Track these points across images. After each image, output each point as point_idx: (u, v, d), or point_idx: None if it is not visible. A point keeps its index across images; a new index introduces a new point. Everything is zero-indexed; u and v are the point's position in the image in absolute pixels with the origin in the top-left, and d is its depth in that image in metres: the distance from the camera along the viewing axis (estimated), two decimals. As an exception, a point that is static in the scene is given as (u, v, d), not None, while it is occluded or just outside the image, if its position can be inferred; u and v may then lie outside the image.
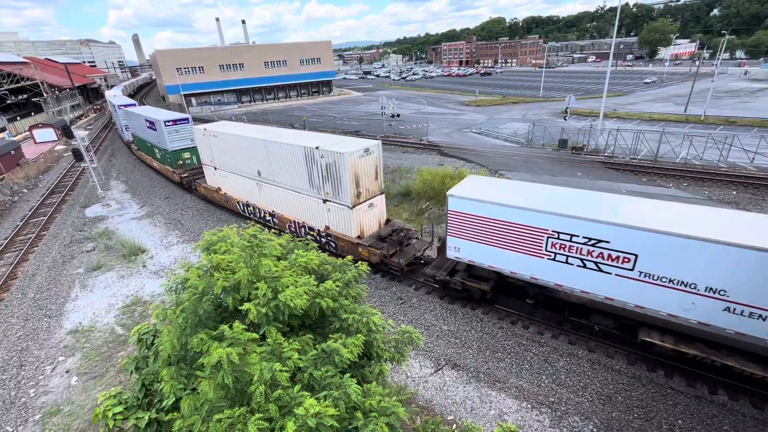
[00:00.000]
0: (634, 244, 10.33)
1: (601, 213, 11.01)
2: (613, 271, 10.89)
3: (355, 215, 16.23)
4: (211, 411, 4.76)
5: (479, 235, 13.07)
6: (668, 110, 50.81)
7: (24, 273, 18.91)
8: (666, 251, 9.96)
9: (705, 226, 9.78)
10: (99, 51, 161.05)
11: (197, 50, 80.00)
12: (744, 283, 9.20)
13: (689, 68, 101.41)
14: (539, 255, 12.01)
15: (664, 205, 11.35)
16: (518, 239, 12.27)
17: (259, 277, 6.02)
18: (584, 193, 12.74)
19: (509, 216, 12.14)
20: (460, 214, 13.17)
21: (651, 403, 10.34)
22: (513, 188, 13.90)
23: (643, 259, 10.33)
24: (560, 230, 11.34)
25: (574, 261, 11.45)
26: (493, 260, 13.21)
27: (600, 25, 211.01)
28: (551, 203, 11.75)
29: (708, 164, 28.06)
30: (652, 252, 10.14)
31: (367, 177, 16.31)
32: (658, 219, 10.33)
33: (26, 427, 10.71)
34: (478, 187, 13.62)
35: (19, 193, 31.50)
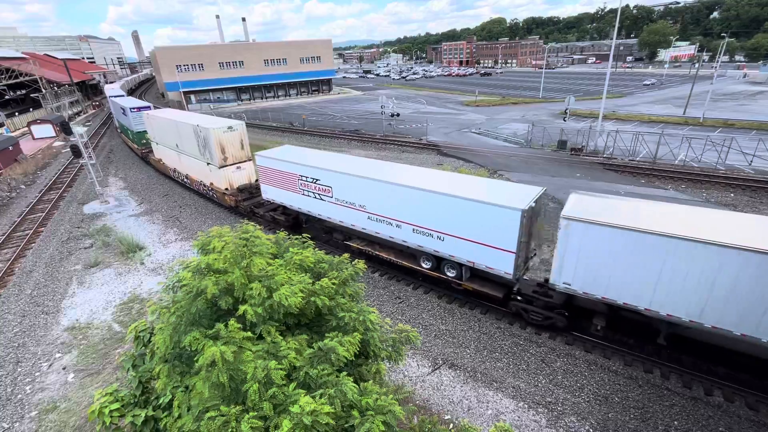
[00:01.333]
0: (330, 180, 16.77)
1: (322, 164, 17.35)
2: (326, 198, 17.34)
3: (223, 173, 22.53)
4: (205, 410, 4.75)
5: (275, 182, 19.58)
6: (667, 112, 50.93)
7: (21, 269, 18.85)
8: (347, 186, 16.24)
9: (373, 171, 15.87)
10: (98, 47, 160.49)
11: (197, 47, 79.83)
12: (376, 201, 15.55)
13: (689, 70, 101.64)
14: (304, 192, 18.26)
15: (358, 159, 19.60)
16: (289, 182, 18.70)
17: (252, 277, 5.99)
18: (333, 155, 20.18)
19: (285, 167, 18.59)
20: (266, 168, 19.71)
21: (647, 404, 10.37)
22: (297, 153, 20.32)
23: (335, 191, 16.78)
24: (301, 174, 17.88)
25: (310, 195, 17.98)
26: (279, 197, 19.88)
27: (600, 26, 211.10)
28: (305, 160, 18.23)
29: (706, 166, 28.14)
30: (339, 186, 16.53)
31: (232, 147, 22.50)
32: (347, 166, 16.93)
33: (22, 424, 10.69)
34: (276, 152, 20.13)
35: (17, 189, 31.39)
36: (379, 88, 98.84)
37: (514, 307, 13.45)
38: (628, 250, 10.48)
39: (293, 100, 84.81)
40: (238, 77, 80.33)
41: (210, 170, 23.38)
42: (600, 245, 10.85)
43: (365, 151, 37.49)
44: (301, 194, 18.49)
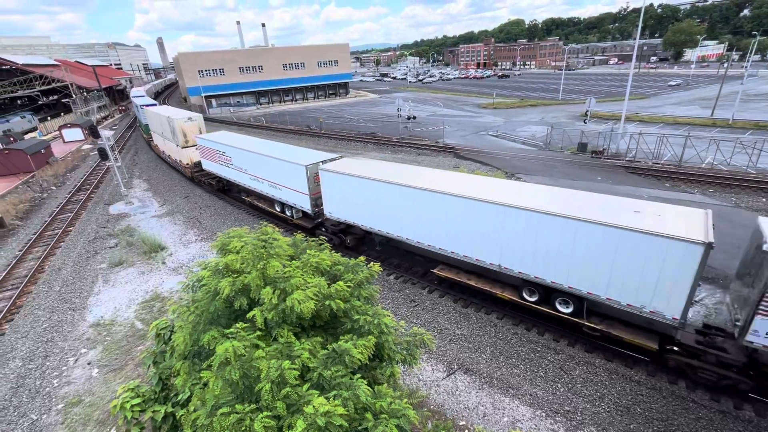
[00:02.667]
0: (233, 154, 23.77)
1: (229, 143, 24.36)
2: (230, 166, 24.64)
3: (185, 152, 30.10)
4: (218, 406, 4.82)
5: (207, 156, 27.15)
6: (694, 114, 49.23)
7: (51, 267, 19.64)
8: (244, 158, 22.83)
9: (267, 149, 21.75)
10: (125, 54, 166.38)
11: (218, 53, 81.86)
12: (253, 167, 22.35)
13: (717, 70, 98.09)
14: (221, 163, 25.50)
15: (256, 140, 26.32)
16: (217, 157, 25.75)
17: (267, 280, 6.05)
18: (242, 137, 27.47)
19: (211, 146, 25.90)
20: (202, 147, 27.42)
21: (672, 416, 9.99)
22: (222, 136, 27.50)
23: (234, 161, 23.84)
24: (218, 150, 25.17)
25: (223, 164, 25.30)
26: (210, 167, 27.46)
27: (623, 26, 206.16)
28: (222, 140, 25.42)
29: (736, 170, 27.04)
30: (237, 157, 23.40)
31: (191, 132, 29.45)
32: (248, 144, 24.06)
33: (50, 416, 11.10)
34: (208, 135, 27.67)
35: (48, 190, 32.79)
36: (396, 91, 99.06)
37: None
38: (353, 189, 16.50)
39: (311, 104, 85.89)
40: (257, 81, 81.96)
41: (178, 150, 30.95)
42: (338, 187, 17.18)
43: (381, 154, 37.58)
44: (219, 164, 25.82)
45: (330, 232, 18.61)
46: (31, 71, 65.29)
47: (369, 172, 16.23)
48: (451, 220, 13.75)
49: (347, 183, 16.62)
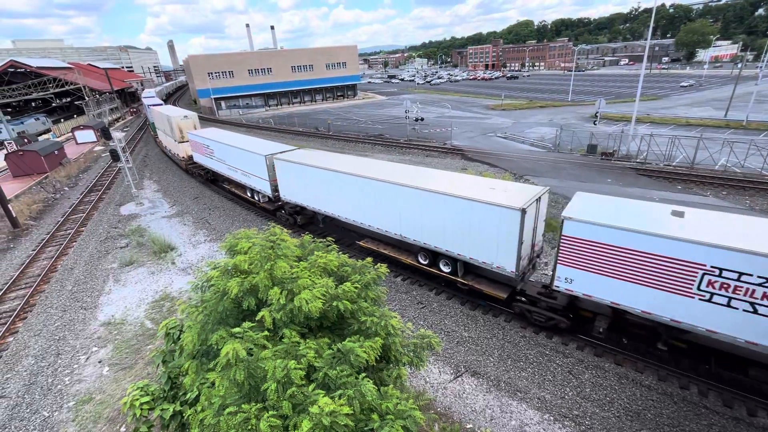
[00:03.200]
0: (215, 148, 26.99)
1: (212, 137, 27.66)
2: (212, 158, 27.96)
3: (181, 146, 33.63)
4: (225, 406, 4.85)
5: (197, 149, 30.51)
6: (707, 115, 48.44)
7: (63, 266, 19.99)
8: (219, 149, 26.49)
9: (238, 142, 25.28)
10: (136, 56, 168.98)
11: (227, 55, 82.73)
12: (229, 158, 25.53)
13: (730, 71, 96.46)
14: (206, 155, 29.05)
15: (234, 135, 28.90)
16: (203, 150, 29.15)
17: (275, 280, 6.09)
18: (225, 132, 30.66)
19: (203, 141, 28.73)
20: (193, 141, 31.03)
21: (683, 422, 9.81)
22: (209, 132, 31.04)
23: (215, 153, 27.14)
24: (204, 144, 28.48)
25: (208, 156, 28.62)
26: (199, 159, 31.13)
27: (634, 26, 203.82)
28: (208, 135, 29.07)
29: (750, 172, 26.52)
30: (218, 150, 26.65)
31: (186, 129, 32.97)
32: (226, 138, 27.11)
33: (61, 413, 11.28)
34: (198, 131, 31.42)
35: (61, 191, 33.40)
36: (404, 92, 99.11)
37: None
38: (299, 176, 19.61)
39: (319, 106, 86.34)
40: (266, 83, 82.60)
41: (176, 144, 34.46)
42: (289, 174, 20.28)
43: (389, 155, 37.61)
44: (205, 156, 29.13)
45: (287, 213, 22.06)
46: (45, 74, 66.63)
47: (312, 161, 19.25)
48: (365, 198, 16.53)
49: (295, 170, 19.81)
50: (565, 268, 11.70)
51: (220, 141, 26.31)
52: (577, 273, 11.52)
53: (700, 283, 9.48)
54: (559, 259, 11.69)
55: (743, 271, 8.88)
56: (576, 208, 11.71)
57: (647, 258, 10.08)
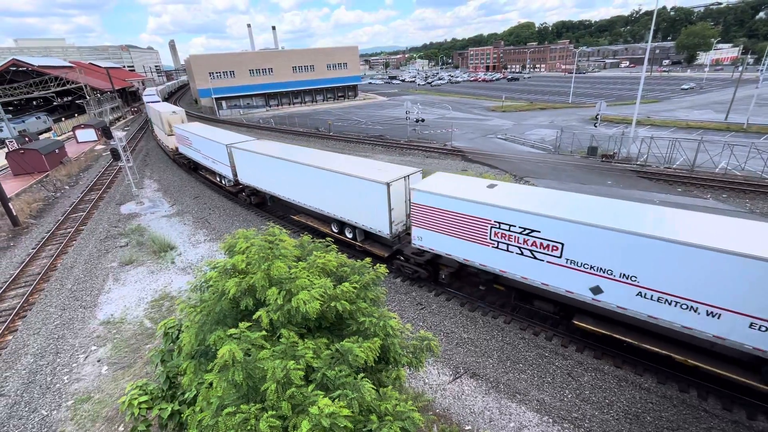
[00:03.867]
0: (193, 139, 30.89)
1: (194, 132, 30.59)
2: (191, 148, 31.77)
3: (170, 139, 36.82)
4: (222, 406, 4.85)
5: (182, 141, 33.45)
6: (707, 118, 48.46)
7: (63, 265, 19.98)
8: (197, 142, 30.35)
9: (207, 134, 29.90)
10: (138, 56, 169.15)
11: (229, 55, 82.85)
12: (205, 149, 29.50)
13: (731, 74, 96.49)
14: (187, 146, 32.44)
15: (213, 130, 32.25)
16: (185, 141, 32.36)
17: (272, 281, 6.07)
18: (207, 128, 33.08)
19: (185, 134, 32.20)
20: (177, 134, 34.29)
21: (682, 425, 9.79)
22: (192, 126, 33.43)
23: (193, 144, 31.40)
24: (186, 136, 32.04)
25: (189, 147, 32.35)
26: (185, 150, 33.83)
27: (634, 29, 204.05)
28: (191, 129, 31.63)
29: (751, 175, 26.52)
30: (195, 141, 30.66)
31: (174, 123, 35.95)
32: (200, 130, 31.19)
33: (59, 412, 11.26)
34: (183, 125, 34.21)
35: (62, 190, 33.41)
36: (405, 93, 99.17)
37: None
38: (251, 162, 23.26)
39: (320, 106, 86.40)
40: (267, 84, 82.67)
41: (166, 137, 37.89)
42: (243, 160, 23.94)
43: (389, 156, 37.62)
44: (186, 147, 32.79)
45: (246, 194, 25.47)
46: (47, 73, 66.69)
47: (260, 149, 22.68)
48: (295, 179, 20.07)
49: (248, 157, 23.24)
50: (416, 229, 14.99)
51: (196, 133, 29.85)
52: (424, 232, 14.80)
53: (490, 234, 12.80)
54: (412, 222, 15.05)
55: (510, 223, 12.15)
56: (424, 182, 15.00)
57: (461, 217, 13.34)
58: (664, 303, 9.94)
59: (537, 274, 12.14)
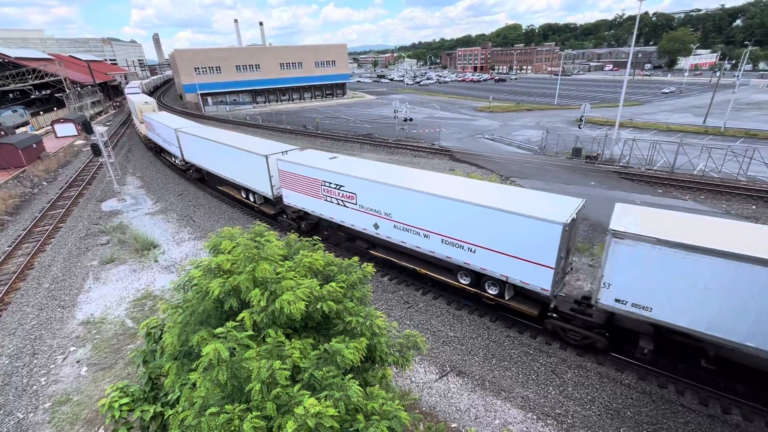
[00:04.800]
0: (155, 125, 36.06)
1: (164, 122, 33.62)
2: (154, 131, 36.90)
3: (142, 126, 41.65)
4: (206, 406, 4.77)
5: (149, 128, 38.29)
6: (686, 121, 49.86)
7: (40, 263, 19.38)
8: (157, 127, 35.33)
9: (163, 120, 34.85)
10: (120, 49, 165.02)
11: (215, 50, 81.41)
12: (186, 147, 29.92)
13: (709, 79, 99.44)
14: (151, 131, 37.86)
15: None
16: (151, 127, 37.41)
17: (257, 282, 6.00)
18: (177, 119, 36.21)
19: (150, 120, 37.00)
20: (147, 122, 38.46)
21: (661, 420, 10.08)
22: (161, 115, 37.02)
23: (156, 129, 36.10)
24: (151, 123, 36.99)
25: (153, 132, 37.47)
26: (153, 137, 37.78)
27: (618, 33, 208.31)
28: (160, 119, 34.92)
29: (727, 177, 27.41)
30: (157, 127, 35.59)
31: (146, 112, 40.17)
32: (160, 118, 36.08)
33: (36, 415, 10.94)
34: (153, 114, 38.23)
35: (39, 186, 32.37)
36: (393, 92, 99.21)
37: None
38: (193, 143, 28.06)
39: (307, 104, 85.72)
40: (254, 80, 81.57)
41: (139, 124, 42.86)
42: (188, 142, 28.53)
43: (377, 155, 37.60)
44: (151, 132, 37.26)
45: (192, 171, 30.22)
46: (24, 65, 64.50)
47: (198, 132, 27.48)
48: (218, 158, 24.49)
49: (190, 140, 27.76)
50: (284, 190, 19.55)
51: (158, 120, 34.57)
52: (288, 192, 19.44)
53: (321, 190, 17.39)
54: (281, 185, 19.52)
55: (329, 181, 16.89)
56: (287, 155, 19.46)
57: (305, 179, 17.98)
58: (408, 232, 14.77)
59: (347, 217, 16.91)
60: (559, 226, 10.77)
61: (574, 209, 11.56)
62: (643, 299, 10.25)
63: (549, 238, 11.05)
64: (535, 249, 11.50)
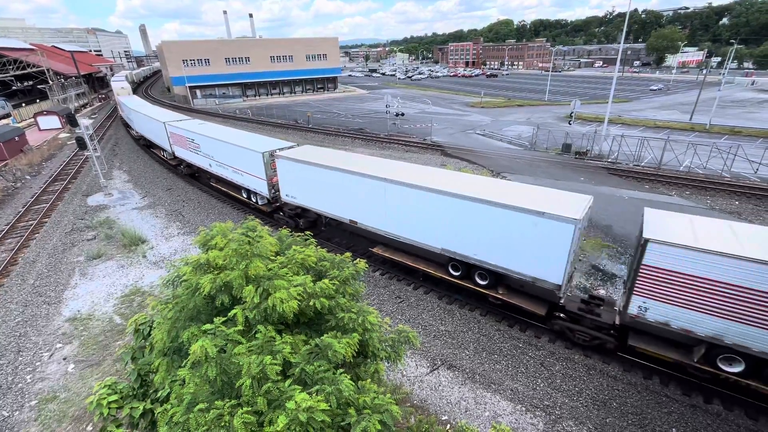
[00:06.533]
0: (125, 109, 44.72)
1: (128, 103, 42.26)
2: (130, 114, 41.13)
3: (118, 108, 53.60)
4: (194, 403, 4.75)
5: (123, 110, 47.96)
6: (673, 118, 50.66)
7: (24, 259, 18.97)
8: (131, 113, 39.99)
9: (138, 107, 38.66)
10: (106, 40, 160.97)
11: (204, 42, 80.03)
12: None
13: (696, 77, 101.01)
14: (123, 113, 48.47)
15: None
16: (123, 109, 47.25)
17: (249, 278, 5.96)
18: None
19: (122, 103, 46.36)
20: (120, 103, 49.79)
21: (645, 410, 10.33)
22: (127, 99, 46.70)
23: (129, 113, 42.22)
24: (122, 105, 46.20)
25: (125, 114, 47.19)
26: (124, 116, 48.01)
27: (608, 30, 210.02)
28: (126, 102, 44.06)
29: (711, 174, 27.98)
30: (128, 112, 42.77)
31: (121, 94, 52.05)
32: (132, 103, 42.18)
33: (22, 413, 10.76)
34: (124, 98, 48.23)
35: (22, 180, 31.58)
36: (385, 87, 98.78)
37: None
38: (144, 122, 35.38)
39: (298, 98, 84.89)
40: (244, 73, 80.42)
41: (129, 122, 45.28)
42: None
43: (369, 150, 37.48)
44: (124, 113, 44.71)
45: (142, 141, 34.61)
46: (5, 55, 62.58)
47: (148, 112, 32.39)
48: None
49: (142, 119, 32.40)
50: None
51: (125, 104, 40.92)
52: (178, 148, 27.30)
53: None
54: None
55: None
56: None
57: None
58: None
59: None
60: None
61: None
62: None
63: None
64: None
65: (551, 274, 11.62)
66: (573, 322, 12.34)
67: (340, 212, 17.12)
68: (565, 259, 11.17)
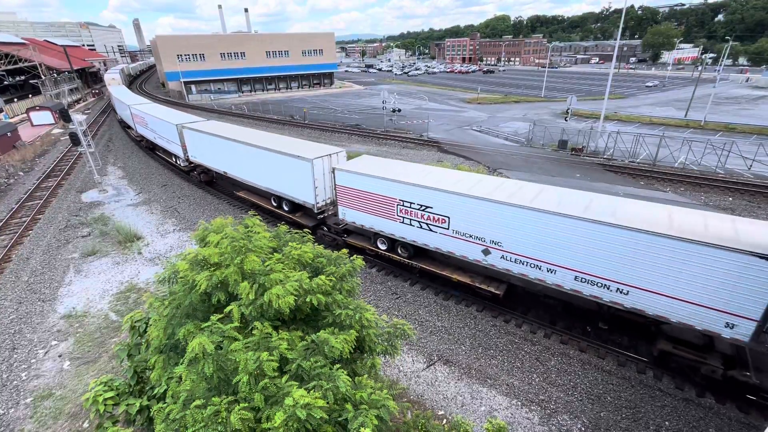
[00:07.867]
0: (115, 101, 50.56)
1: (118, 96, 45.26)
2: (121, 107, 43.01)
3: None
4: (191, 399, 4.75)
5: (115, 101, 49.20)
6: (669, 114, 50.86)
7: (18, 256, 18.82)
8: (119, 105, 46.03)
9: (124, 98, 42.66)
10: (99, 34, 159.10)
11: (199, 37, 79.22)
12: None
13: (691, 73, 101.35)
14: (115, 104, 50.51)
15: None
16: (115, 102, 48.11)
17: (245, 274, 5.95)
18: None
19: (113, 94, 49.24)
20: (112, 95, 50.89)
21: (639, 404, 10.46)
22: (118, 90, 50.87)
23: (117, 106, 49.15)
24: (113, 96, 48.87)
25: (117, 105, 47.71)
26: (115, 107, 50.44)
27: (604, 26, 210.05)
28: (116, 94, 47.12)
29: (706, 170, 28.17)
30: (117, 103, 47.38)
31: (111, 84, 60.84)
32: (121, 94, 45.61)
33: (17, 410, 10.72)
34: (114, 88, 52.26)
35: (15, 176, 31.25)
36: (381, 83, 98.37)
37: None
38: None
39: (294, 93, 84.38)
40: (239, 68, 79.76)
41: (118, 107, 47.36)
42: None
43: (366, 146, 37.39)
44: (114, 105, 47.82)
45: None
46: (-4, 49, 61.61)
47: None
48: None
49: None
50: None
51: (117, 97, 43.29)
52: (139, 129, 32.31)
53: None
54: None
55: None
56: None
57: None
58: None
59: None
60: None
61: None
62: None
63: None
64: None
65: (307, 198, 17.82)
66: (329, 231, 18.32)
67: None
68: (312, 186, 17.14)
